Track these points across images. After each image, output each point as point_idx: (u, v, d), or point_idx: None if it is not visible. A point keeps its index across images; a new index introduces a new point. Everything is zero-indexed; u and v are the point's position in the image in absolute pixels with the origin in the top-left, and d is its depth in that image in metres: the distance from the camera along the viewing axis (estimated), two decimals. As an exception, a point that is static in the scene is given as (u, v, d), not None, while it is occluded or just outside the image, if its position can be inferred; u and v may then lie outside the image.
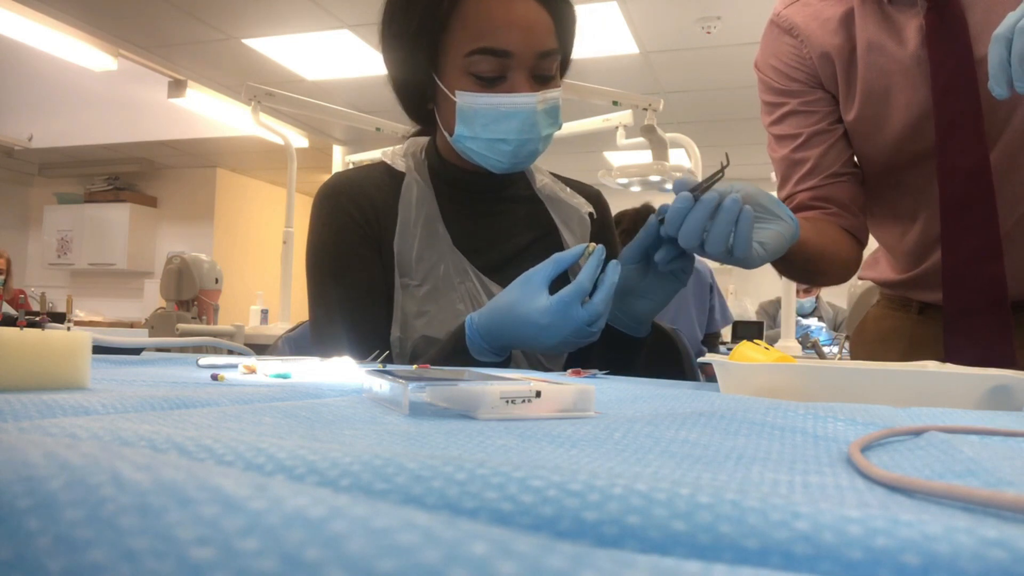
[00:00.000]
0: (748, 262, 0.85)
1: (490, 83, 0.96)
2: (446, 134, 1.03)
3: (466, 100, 0.97)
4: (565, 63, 1.05)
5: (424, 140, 1.13)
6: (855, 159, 1.13)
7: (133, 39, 4.49)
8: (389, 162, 1.10)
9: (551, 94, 0.98)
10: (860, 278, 1.31)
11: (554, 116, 1.00)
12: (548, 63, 0.98)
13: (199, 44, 4.58)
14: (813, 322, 3.79)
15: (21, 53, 4.55)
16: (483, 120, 0.97)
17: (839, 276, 1.13)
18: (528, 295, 0.84)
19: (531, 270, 0.87)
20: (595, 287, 0.84)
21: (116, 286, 7.91)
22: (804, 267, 1.06)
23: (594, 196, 1.20)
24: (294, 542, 0.14)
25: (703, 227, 0.81)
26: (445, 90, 0.99)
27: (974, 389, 0.60)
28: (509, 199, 1.11)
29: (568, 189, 1.16)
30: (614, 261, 0.86)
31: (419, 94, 1.05)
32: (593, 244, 0.85)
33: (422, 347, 1.01)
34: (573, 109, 2.97)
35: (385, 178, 1.09)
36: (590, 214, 1.14)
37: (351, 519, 0.15)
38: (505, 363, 0.92)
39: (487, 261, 1.05)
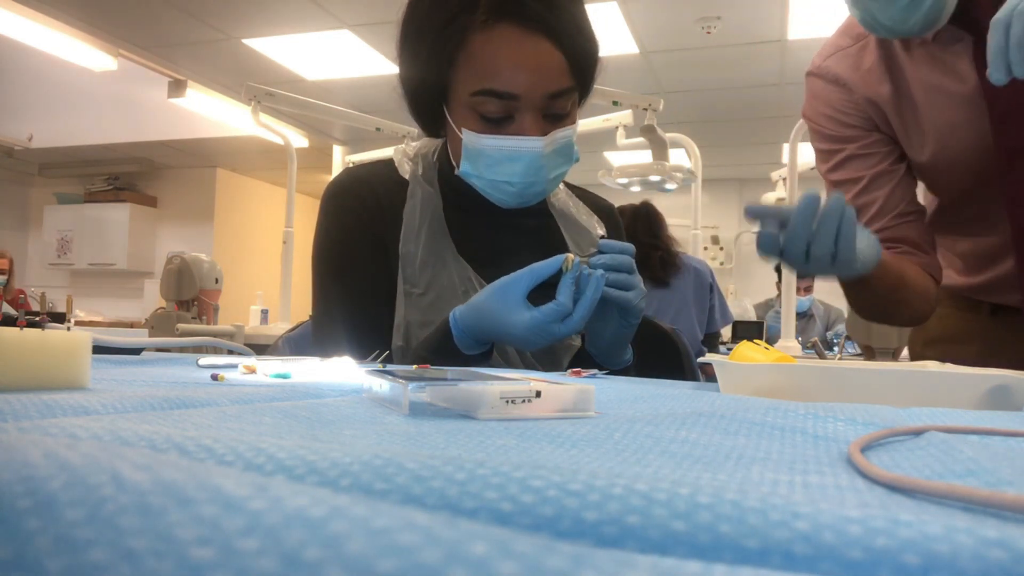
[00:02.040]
0: (850, 267, 0.86)
1: (497, 123, 0.93)
2: (454, 163, 1.01)
3: (471, 140, 0.94)
4: (585, 93, 1.01)
5: (439, 142, 1.10)
6: (917, 201, 1.12)
7: (133, 39, 4.49)
8: (396, 164, 1.08)
9: (561, 134, 0.95)
10: None
11: (566, 154, 0.97)
12: (561, 102, 0.94)
13: (199, 44, 4.58)
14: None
15: (21, 53, 4.55)
16: (487, 161, 0.95)
17: (919, 308, 1.10)
18: (508, 308, 0.84)
19: (508, 280, 0.86)
20: (576, 298, 0.85)
21: (116, 286, 7.90)
22: (886, 294, 1.04)
23: (606, 211, 1.18)
24: (294, 542, 0.14)
25: (809, 232, 0.82)
26: (452, 124, 0.97)
27: (974, 389, 0.60)
28: (520, 212, 1.08)
29: (582, 204, 1.15)
30: (599, 274, 0.84)
31: (431, 122, 1.03)
32: (571, 256, 0.85)
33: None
34: (573, 109, 2.97)
35: (395, 177, 1.07)
36: (600, 237, 1.13)
37: (351, 519, 0.15)
38: (489, 352, 0.93)
39: (492, 272, 1.03)
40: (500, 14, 0.90)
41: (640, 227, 2.95)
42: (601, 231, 1.13)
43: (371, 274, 1.04)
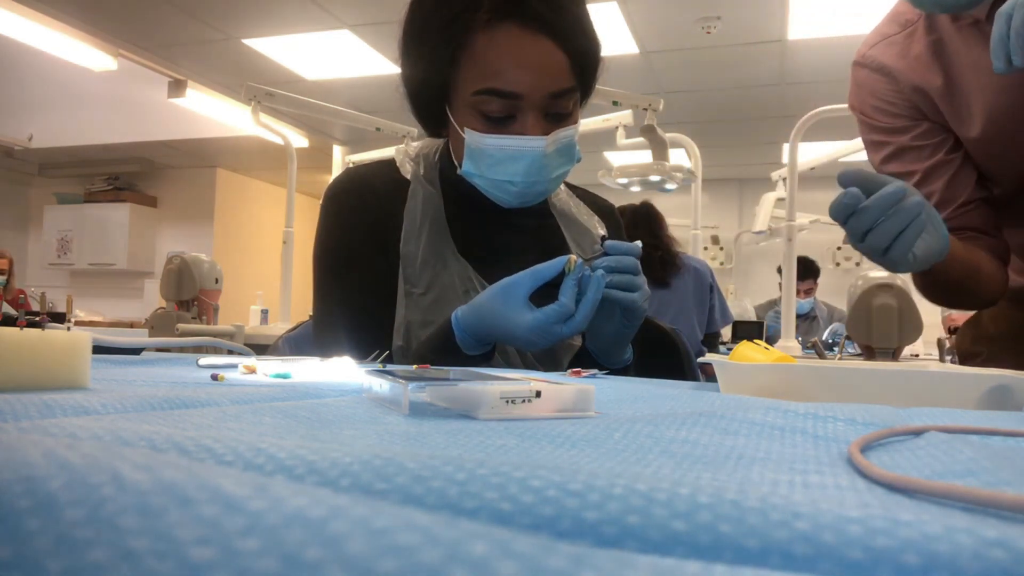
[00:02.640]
0: (899, 266, 0.86)
1: (499, 123, 0.93)
2: (456, 163, 1.01)
3: (473, 139, 0.94)
4: (587, 94, 1.01)
5: (440, 142, 1.10)
6: (982, 186, 1.09)
7: (133, 39, 4.49)
8: (398, 163, 1.08)
9: (563, 134, 0.95)
10: None
11: (568, 154, 0.97)
12: (563, 102, 0.94)
13: (199, 44, 4.58)
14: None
15: (21, 53, 4.55)
16: (489, 160, 0.95)
17: (986, 294, 1.09)
18: (511, 309, 0.84)
19: (511, 281, 0.86)
20: (578, 298, 0.85)
21: (116, 286, 7.90)
22: (951, 285, 1.04)
23: (607, 211, 1.18)
24: (294, 542, 0.14)
25: (874, 220, 0.82)
26: (455, 124, 0.97)
27: (974, 389, 0.60)
28: (521, 212, 1.08)
29: (582, 204, 1.15)
30: (599, 274, 0.85)
31: (433, 121, 1.03)
32: (573, 257, 0.85)
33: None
34: (573, 109, 2.97)
35: (396, 177, 1.07)
36: (603, 237, 1.13)
37: (351, 519, 0.15)
38: (491, 353, 0.93)
39: (493, 272, 1.03)
40: (503, 14, 0.90)
41: (640, 227, 2.96)
42: (602, 231, 1.13)
43: (372, 274, 1.04)
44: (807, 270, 4.64)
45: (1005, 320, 1.20)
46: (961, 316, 3.38)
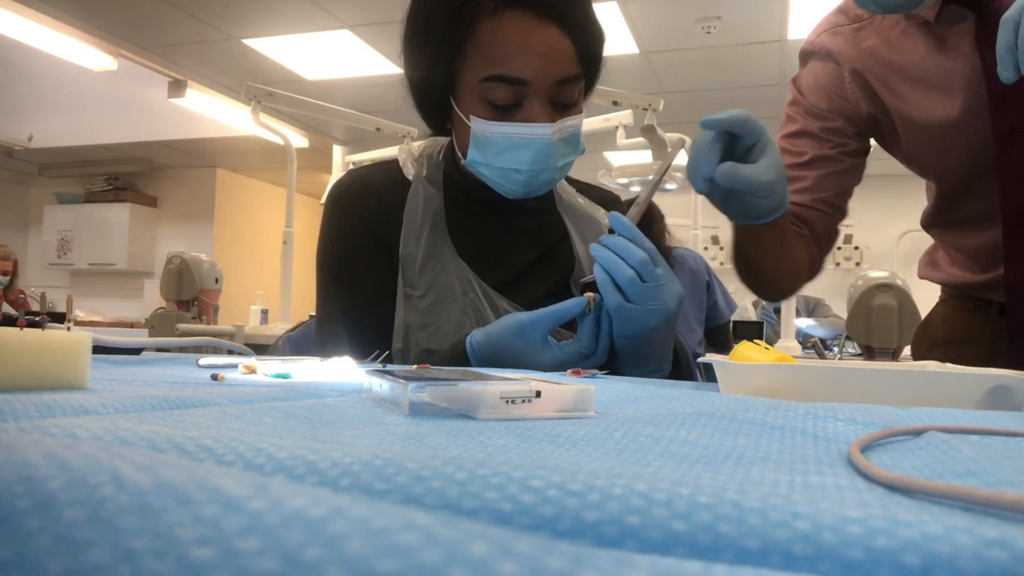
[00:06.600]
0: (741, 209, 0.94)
1: (505, 110, 0.93)
2: (460, 155, 1.01)
3: (479, 127, 0.94)
4: (591, 84, 1.01)
5: (444, 140, 1.10)
6: (845, 201, 1.15)
7: (133, 39, 4.49)
8: (401, 164, 1.08)
9: (569, 122, 0.95)
10: (921, 277, 1.27)
11: (573, 144, 0.97)
12: (569, 90, 0.94)
13: (199, 44, 4.58)
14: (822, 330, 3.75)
15: (21, 53, 4.55)
16: (496, 148, 0.94)
17: (777, 290, 1.17)
18: (530, 348, 0.85)
19: (528, 320, 0.85)
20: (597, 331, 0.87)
21: (116, 286, 7.91)
22: (755, 267, 1.09)
23: (612, 202, 1.18)
24: (294, 542, 0.14)
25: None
26: (460, 114, 0.96)
27: (974, 389, 0.60)
28: (523, 210, 1.07)
29: (584, 197, 1.15)
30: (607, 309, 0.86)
31: (437, 112, 1.02)
32: (592, 297, 0.85)
33: (425, 360, 1.00)
34: (573, 109, 2.96)
35: (398, 178, 1.07)
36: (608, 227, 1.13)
37: (351, 519, 0.15)
38: None
39: (492, 274, 1.03)
40: (509, 1, 0.90)
41: None
42: (607, 221, 1.13)
43: (374, 276, 1.04)
44: None
45: (956, 322, 1.21)
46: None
